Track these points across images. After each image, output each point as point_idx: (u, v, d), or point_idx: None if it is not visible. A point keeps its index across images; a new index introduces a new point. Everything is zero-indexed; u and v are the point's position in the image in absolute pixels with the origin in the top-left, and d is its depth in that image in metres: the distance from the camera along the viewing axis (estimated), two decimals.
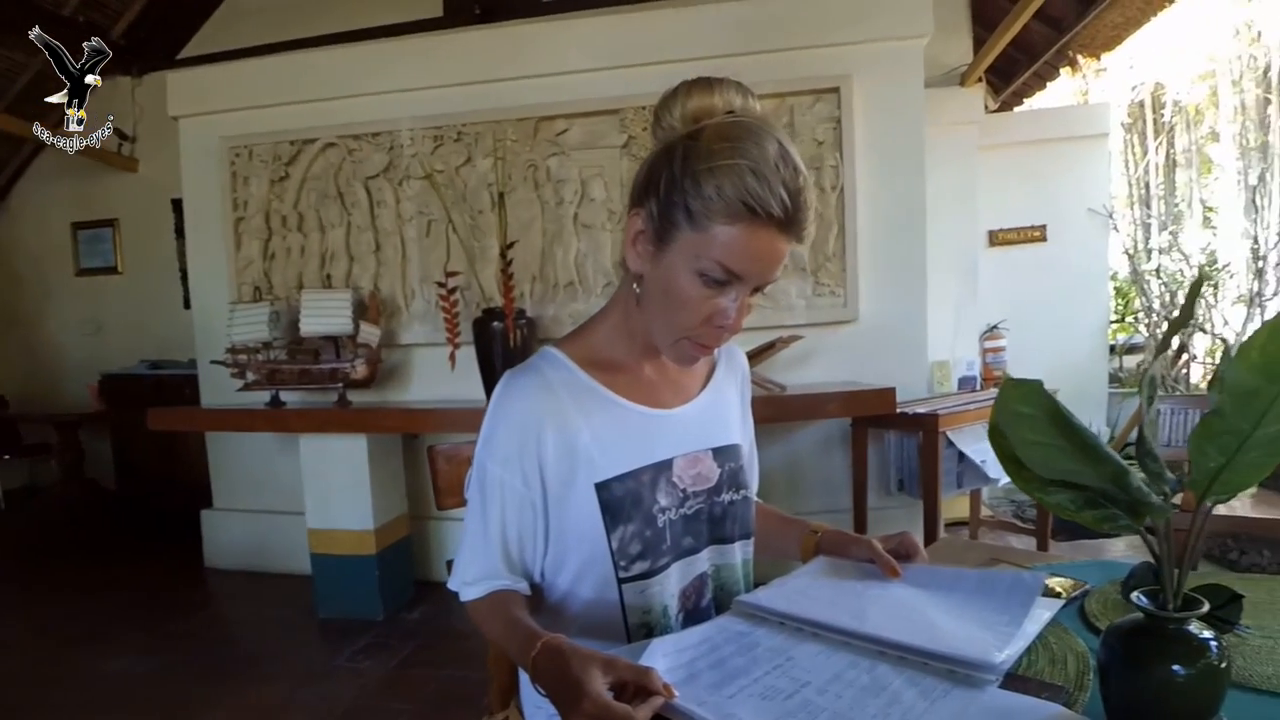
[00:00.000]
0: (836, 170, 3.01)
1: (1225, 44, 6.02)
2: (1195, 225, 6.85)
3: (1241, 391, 0.50)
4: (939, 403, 2.99)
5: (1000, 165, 4.72)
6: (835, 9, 3.05)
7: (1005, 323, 4.75)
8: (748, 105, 0.87)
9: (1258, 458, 0.52)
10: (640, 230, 0.86)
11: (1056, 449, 0.56)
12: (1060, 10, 3.98)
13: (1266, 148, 5.85)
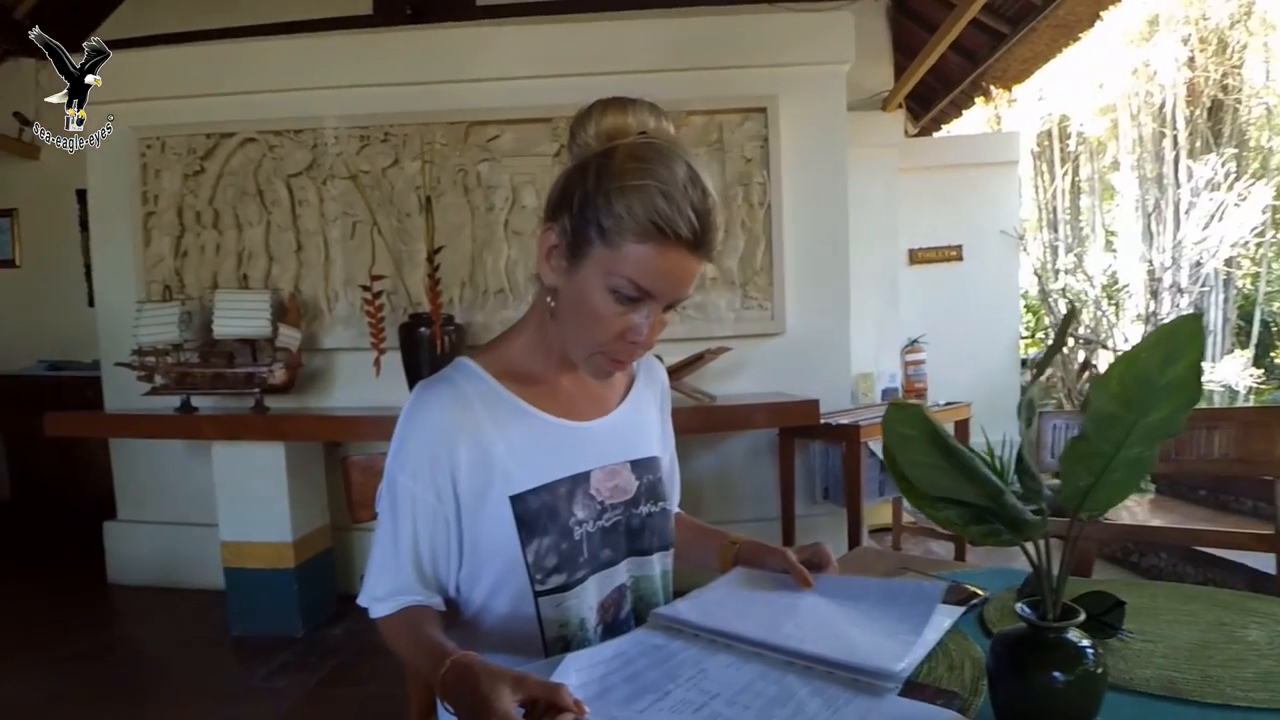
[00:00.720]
0: (764, 187, 3.10)
1: (1124, 81, 6.48)
2: (1098, 248, 7.34)
3: (1103, 417, 0.54)
4: (862, 414, 3.09)
5: (919, 187, 4.93)
6: (763, 32, 3.16)
7: (925, 337, 4.97)
8: (661, 126, 0.88)
9: (1122, 477, 0.56)
10: (554, 245, 0.86)
11: (938, 469, 0.59)
12: (975, 43, 4.21)
13: (1161, 178, 6.33)
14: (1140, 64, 6.33)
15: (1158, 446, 0.54)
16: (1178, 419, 0.52)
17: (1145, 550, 3.41)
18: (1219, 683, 0.73)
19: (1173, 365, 0.50)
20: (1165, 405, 0.51)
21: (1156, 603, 0.99)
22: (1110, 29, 6.10)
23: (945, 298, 5.13)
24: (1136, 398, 0.51)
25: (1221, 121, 6.46)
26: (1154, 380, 0.50)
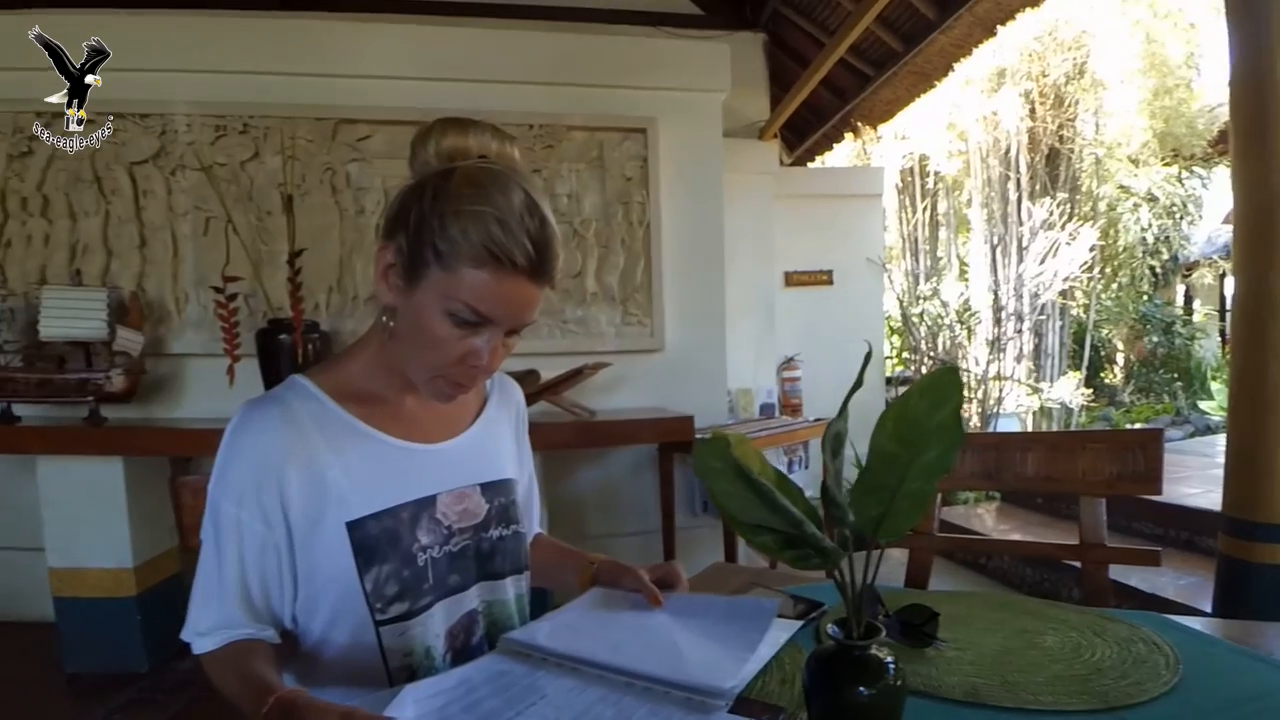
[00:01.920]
0: (644, 206, 3.15)
1: (975, 127, 7.14)
2: (953, 277, 8.02)
3: (884, 456, 0.59)
4: (736, 430, 3.20)
5: (794, 214, 5.19)
6: (643, 56, 3.25)
7: (800, 355, 5.24)
8: (504, 150, 0.87)
9: (909, 507, 0.61)
10: (390, 264, 0.83)
11: (746, 500, 0.62)
12: (844, 82, 4.51)
13: (1006, 216, 7.00)
14: (989, 112, 7.00)
15: (935, 480, 0.59)
16: (948, 457, 0.57)
17: (992, 553, 3.72)
18: (1016, 688, 0.80)
19: (939, 410, 0.55)
20: (936, 446, 0.57)
21: (971, 611, 1.06)
22: (962, 79, 6.74)
23: (818, 319, 5.43)
24: (910, 439, 0.57)
25: (1057, 168, 7.25)
26: (924, 424, 0.56)
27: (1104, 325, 8.75)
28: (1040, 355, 7.51)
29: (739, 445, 0.70)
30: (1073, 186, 7.24)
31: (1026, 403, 7.08)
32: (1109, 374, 9.31)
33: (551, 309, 3.16)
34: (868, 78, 4.28)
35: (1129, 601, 2.70)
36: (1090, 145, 7.15)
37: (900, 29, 3.90)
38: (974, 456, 1.47)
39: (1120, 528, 3.36)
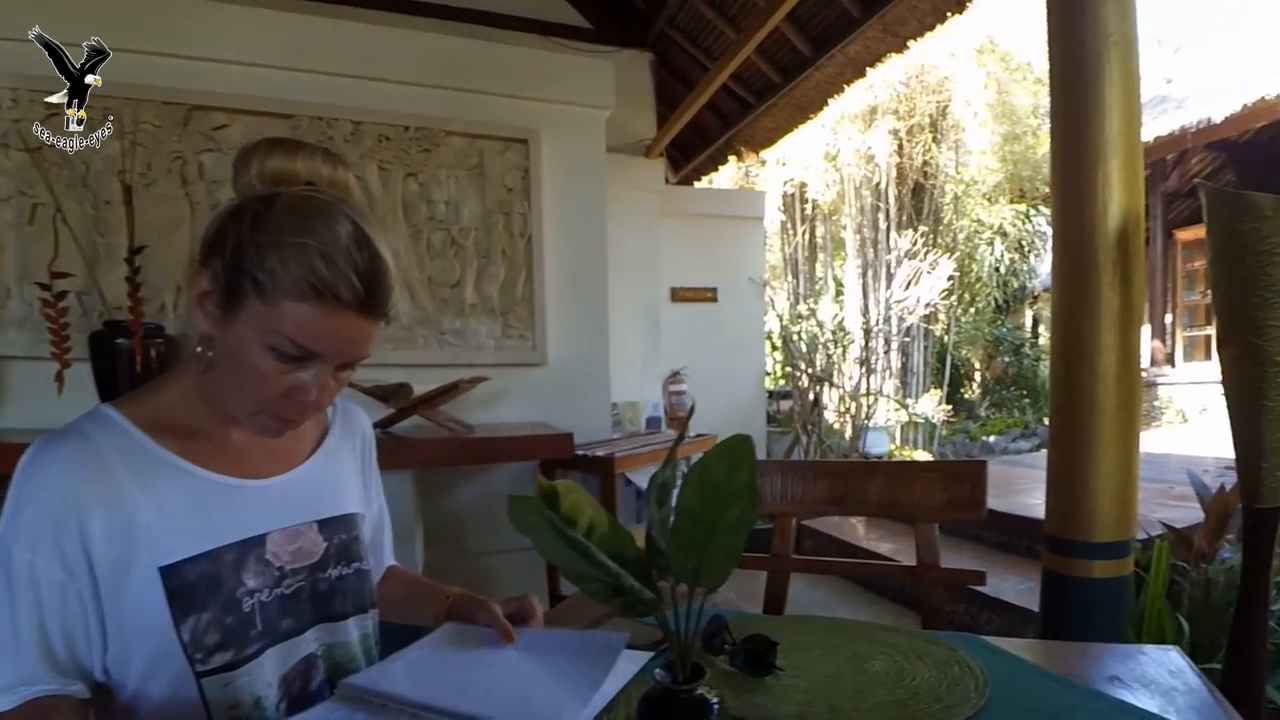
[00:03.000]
0: (525, 218, 3.10)
1: (850, 159, 7.61)
2: (830, 298, 8.46)
3: (691, 514, 0.61)
4: (619, 445, 3.19)
5: (679, 231, 5.31)
6: (527, 66, 3.19)
7: (686, 369, 5.35)
8: (335, 176, 0.83)
9: (722, 558, 0.63)
10: (206, 291, 0.77)
11: (567, 553, 0.63)
12: (728, 107, 4.68)
13: (877, 243, 7.48)
14: (862, 147, 7.48)
15: (742, 535, 0.62)
16: (749, 515, 0.61)
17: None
18: (841, 715, 0.82)
19: (737, 474, 0.59)
20: (737, 505, 0.60)
21: (812, 637, 1.09)
22: (838, 113, 7.17)
23: (703, 334, 5.57)
24: (712, 500, 0.59)
25: (922, 201, 7.84)
26: (724, 486, 0.59)
27: (963, 346, 9.52)
28: (907, 373, 8.06)
29: (568, 495, 0.71)
30: (935, 219, 7.85)
31: (895, 417, 7.57)
32: (968, 390, 10.15)
33: (429, 319, 3.04)
34: (750, 105, 4.45)
35: (975, 604, 2.91)
36: (951, 182, 7.78)
37: (779, 62, 4.09)
38: (825, 483, 1.54)
39: (970, 535, 3.63)
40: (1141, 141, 1.32)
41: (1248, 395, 1.11)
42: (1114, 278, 1.28)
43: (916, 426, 7.56)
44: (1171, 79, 10.43)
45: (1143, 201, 1.34)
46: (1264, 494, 1.21)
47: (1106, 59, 1.27)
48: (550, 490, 0.69)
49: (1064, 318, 1.36)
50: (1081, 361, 1.35)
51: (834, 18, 3.66)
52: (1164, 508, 3.23)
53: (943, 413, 7.49)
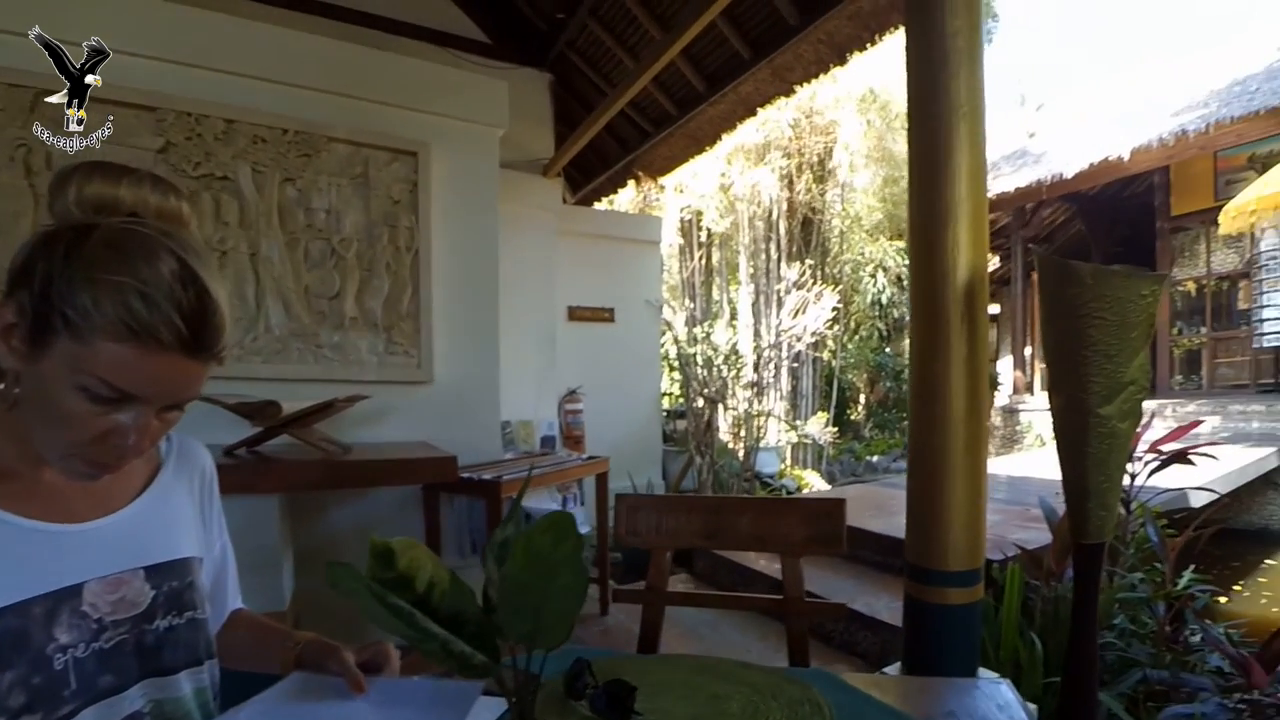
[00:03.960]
0: (412, 232, 2.99)
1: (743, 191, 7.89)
2: (724, 323, 8.71)
3: (518, 585, 0.62)
4: (508, 467, 3.12)
5: (577, 251, 5.32)
6: (420, 78, 3.10)
7: (582, 388, 5.32)
8: (165, 205, 0.76)
9: (557, 623, 0.63)
10: (11, 323, 0.69)
11: (391, 619, 0.62)
12: (626, 134, 4.74)
13: (768, 272, 7.77)
14: (754, 180, 7.79)
15: (575, 600, 0.63)
16: (580, 582, 0.62)
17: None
18: None
19: (562, 545, 0.60)
20: (565, 574, 0.61)
21: (675, 677, 1.08)
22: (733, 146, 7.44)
23: (600, 354, 5.57)
24: (540, 570, 0.60)
25: (811, 234, 8.23)
26: (549, 557, 0.60)
27: (849, 371, 10.01)
28: (797, 396, 8.38)
29: (405, 552, 0.68)
30: (823, 252, 8.25)
31: (785, 438, 7.85)
32: (854, 412, 10.67)
33: (304, 332, 2.87)
34: (647, 133, 4.53)
35: (854, 624, 2.98)
36: (837, 218, 8.23)
37: (675, 95, 4.19)
38: (699, 517, 1.55)
39: (849, 555, 3.75)
40: (987, 204, 1.43)
41: (1073, 442, 1.21)
42: (962, 328, 1.38)
43: (805, 447, 7.87)
44: (1034, 133, 11.52)
45: (986, 259, 1.45)
46: (1089, 530, 1.33)
47: (956, 128, 1.37)
48: (384, 548, 0.66)
49: (919, 362, 1.46)
50: (935, 403, 1.44)
51: (727, 58, 3.79)
52: (1020, 529, 3.43)
53: (830, 434, 7.83)
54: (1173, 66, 10.47)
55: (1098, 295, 1.05)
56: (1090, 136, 8.59)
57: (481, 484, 2.85)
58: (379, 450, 2.82)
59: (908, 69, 1.48)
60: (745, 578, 3.79)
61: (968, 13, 1.38)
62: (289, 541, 2.61)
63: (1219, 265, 9.03)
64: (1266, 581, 4.86)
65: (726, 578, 3.89)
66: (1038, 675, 2.18)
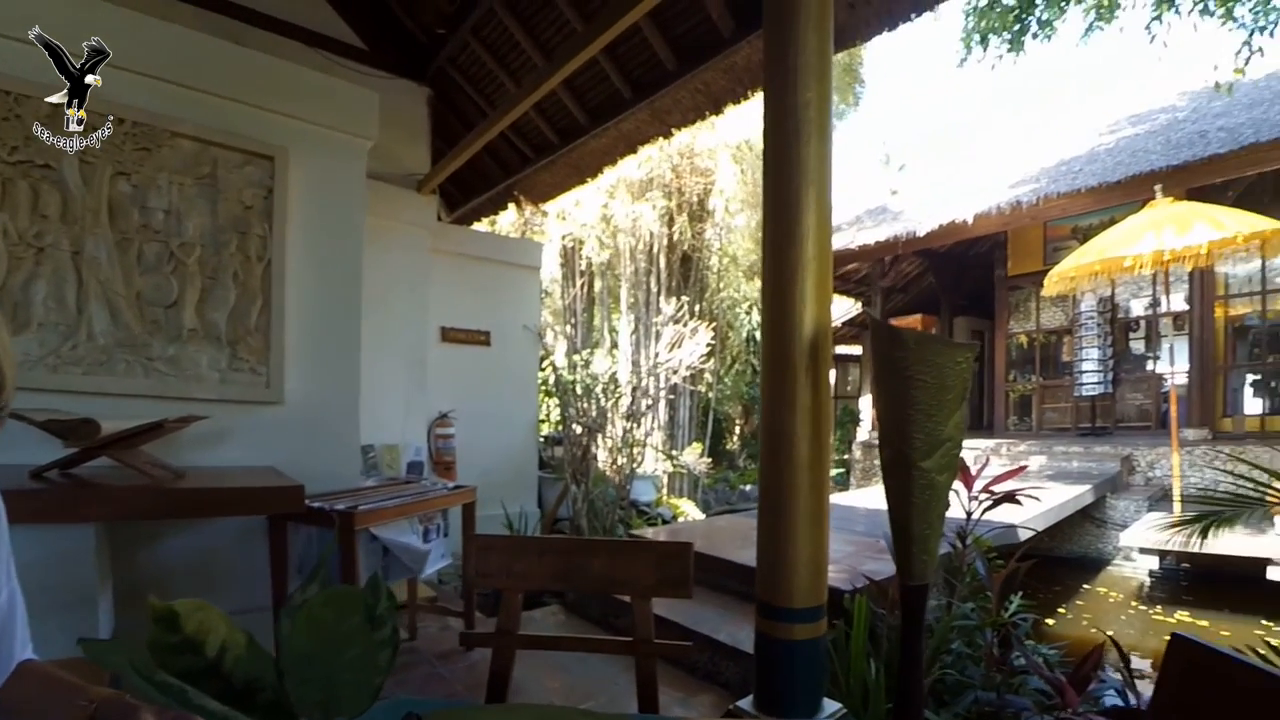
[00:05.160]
0: (265, 241, 2.79)
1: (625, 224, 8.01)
2: (605, 350, 8.74)
3: (302, 655, 0.59)
4: (366, 496, 2.92)
5: (453, 271, 5.17)
6: (280, 77, 2.92)
7: (455, 412, 5.12)
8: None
9: (353, 692, 0.59)
10: None
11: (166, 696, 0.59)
12: (508, 156, 4.69)
13: (648, 304, 7.89)
14: (635, 215, 7.93)
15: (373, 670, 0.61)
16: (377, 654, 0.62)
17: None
18: None
19: (346, 620, 0.61)
20: (356, 646, 0.60)
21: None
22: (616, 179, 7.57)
23: (475, 377, 5.40)
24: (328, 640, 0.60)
25: (690, 270, 8.46)
26: (336, 629, 0.60)
27: (725, 403, 10.30)
28: (674, 426, 8.51)
29: (193, 615, 0.62)
30: (701, 288, 8.50)
31: (662, 467, 7.93)
32: (729, 443, 10.98)
33: (134, 342, 2.58)
34: (529, 158, 4.50)
35: (718, 654, 2.97)
36: (715, 256, 8.52)
37: (557, 124, 4.20)
38: (551, 560, 1.51)
39: (715, 584, 3.78)
40: (831, 263, 1.51)
41: (898, 492, 1.29)
42: (807, 379, 1.44)
43: (682, 476, 7.98)
44: (896, 191, 12.53)
45: (830, 315, 1.53)
46: (913, 573, 1.41)
47: (805, 194, 1.45)
48: (167, 612, 0.61)
49: (769, 411, 1.51)
50: (782, 450, 1.49)
51: (609, 95, 3.86)
52: (872, 560, 3.58)
53: (705, 464, 7.99)
54: (1013, 142, 11.78)
55: (919, 359, 1.13)
56: (941, 199, 9.45)
57: (333, 514, 2.65)
58: (218, 476, 2.56)
59: (765, 136, 1.56)
60: (614, 607, 3.76)
61: (819, 86, 1.47)
62: (109, 575, 2.31)
63: (1047, 321, 10.13)
64: (1084, 604, 5.41)
65: (597, 607, 3.83)
66: (882, 701, 2.29)
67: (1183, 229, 5.45)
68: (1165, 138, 7.69)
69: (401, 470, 4.46)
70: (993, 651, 2.47)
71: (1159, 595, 5.48)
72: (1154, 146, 7.59)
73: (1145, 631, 4.77)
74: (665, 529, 5.44)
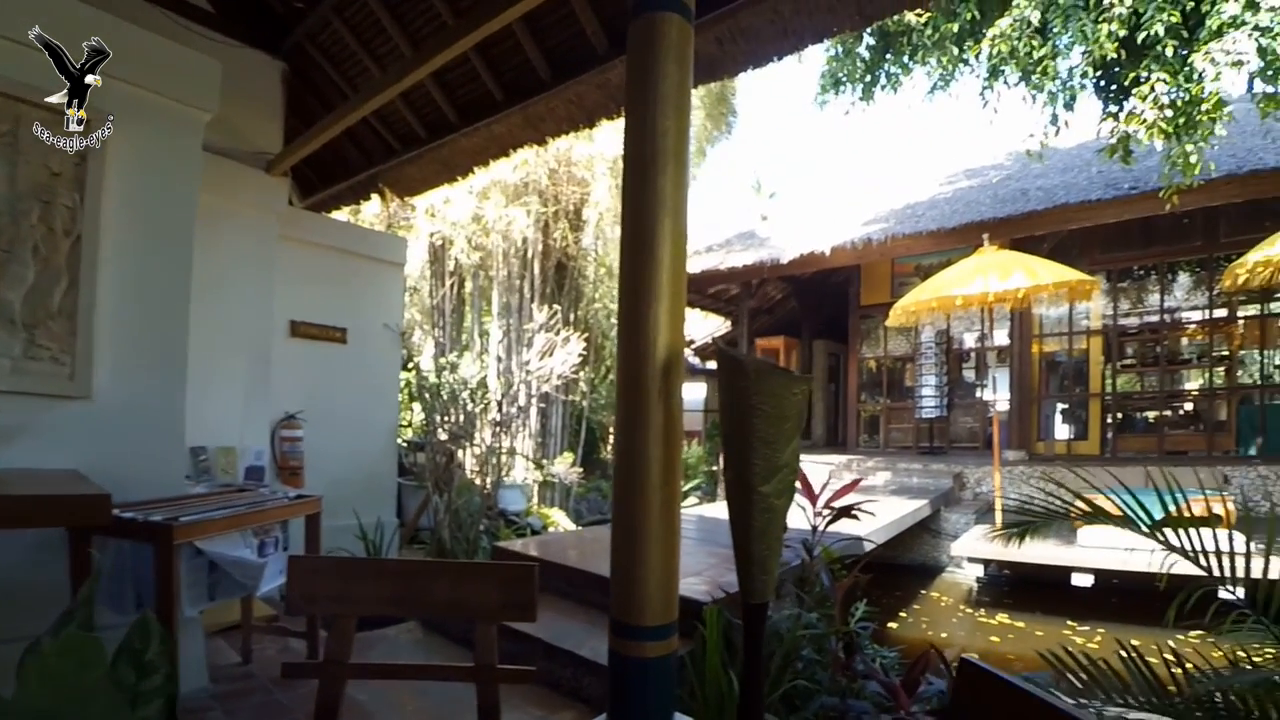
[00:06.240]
0: (74, 213, 2.45)
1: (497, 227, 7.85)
2: (475, 354, 8.49)
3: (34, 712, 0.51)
4: (192, 505, 2.62)
5: (305, 261, 4.81)
6: (100, 31, 2.52)
7: (304, 414, 4.73)
8: None
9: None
10: None
11: None
12: (372, 145, 4.44)
13: (521, 310, 7.77)
14: (509, 219, 7.80)
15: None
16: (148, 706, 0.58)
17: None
18: None
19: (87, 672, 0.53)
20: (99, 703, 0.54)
21: None
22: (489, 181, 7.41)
23: (329, 377, 5.04)
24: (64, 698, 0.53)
25: (564, 278, 8.42)
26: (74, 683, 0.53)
27: (599, 412, 10.31)
28: (546, 434, 8.40)
29: None
30: (576, 296, 8.49)
31: (532, 475, 7.79)
32: (602, 452, 10.99)
33: None
34: (394, 149, 4.29)
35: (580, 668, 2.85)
36: (593, 264, 8.54)
37: (425, 118, 4.04)
38: (389, 583, 1.42)
39: (578, 598, 3.70)
40: (685, 289, 1.55)
41: (740, 515, 1.33)
42: (659, 401, 1.45)
43: (553, 485, 7.88)
44: (766, 217, 13.18)
45: (683, 340, 1.56)
46: (754, 591, 1.45)
47: (661, 222, 1.47)
48: None
49: (623, 433, 1.51)
50: (635, 471, 1.49)
51: (480, 95, 3.75)
52: (732, 572, 3.65)
53: (576, 473, 7.94)
54: (868, 181, 12.77)
55: (759, 389, 1.16)
56: (804, 230, 10.07)
57: (148, 526, 2.35)
58: (5, 481, 2.20)
59: (624, 160, 1.56)
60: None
61: (677, 115, 1.49)
62: None
63: (894, 349, 11.01)
64: (921, 609, 5.90)
65: (458, 624, 3.66)
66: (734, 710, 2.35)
67: (1004, 275, 6.12)
68: (994, 192, 8.62)
69: (239, 476, 4.08)
70: (839, 657, 2.62)
71: (985, 599, 6.08)
72: (984, 199, 8.49)
73: (972, 632, 5.28)
74: (535, 540, 5.33)
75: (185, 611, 2.49)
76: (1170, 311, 9.22)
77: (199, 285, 2.89)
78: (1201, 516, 1.73)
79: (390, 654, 3.36)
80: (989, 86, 5.58)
